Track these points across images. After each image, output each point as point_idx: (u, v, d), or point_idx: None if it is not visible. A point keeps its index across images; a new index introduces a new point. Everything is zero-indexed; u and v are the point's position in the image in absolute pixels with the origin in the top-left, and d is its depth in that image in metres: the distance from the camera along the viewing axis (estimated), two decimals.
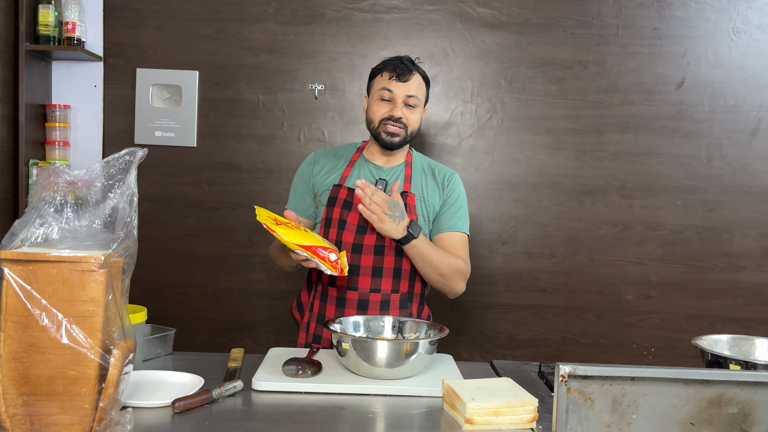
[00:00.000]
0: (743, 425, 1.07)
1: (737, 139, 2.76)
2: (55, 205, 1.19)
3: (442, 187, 1.96)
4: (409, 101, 1.88)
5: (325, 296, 1.91)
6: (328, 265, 1.63)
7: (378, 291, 1.88)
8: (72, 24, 2.61)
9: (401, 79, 1.87)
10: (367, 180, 1.90)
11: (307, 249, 1.61)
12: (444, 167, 2.03)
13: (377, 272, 1.88)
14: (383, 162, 1.98)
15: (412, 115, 1.89)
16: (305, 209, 2.00)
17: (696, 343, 1.53)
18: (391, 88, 1.87)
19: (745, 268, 2.77)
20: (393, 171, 1.97)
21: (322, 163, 2.00)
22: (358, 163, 1.98)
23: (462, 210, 1.96)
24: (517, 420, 1.28)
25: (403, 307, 1.92)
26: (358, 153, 2.01)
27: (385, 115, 1.88)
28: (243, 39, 2.76)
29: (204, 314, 2.81)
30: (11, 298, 1.10)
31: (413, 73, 1.89)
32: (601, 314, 2.81)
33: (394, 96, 1.87)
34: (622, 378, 1.04)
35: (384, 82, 1.89)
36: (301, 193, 2.01)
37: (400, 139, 1.89)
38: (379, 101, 1.89)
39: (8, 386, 1.10)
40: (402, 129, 1.88)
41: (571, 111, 2.77)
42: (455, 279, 1.89)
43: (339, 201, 1.90)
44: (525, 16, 2.75)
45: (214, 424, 1.26)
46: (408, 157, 2.00)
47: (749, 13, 2.74)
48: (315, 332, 1.92)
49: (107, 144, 2.78)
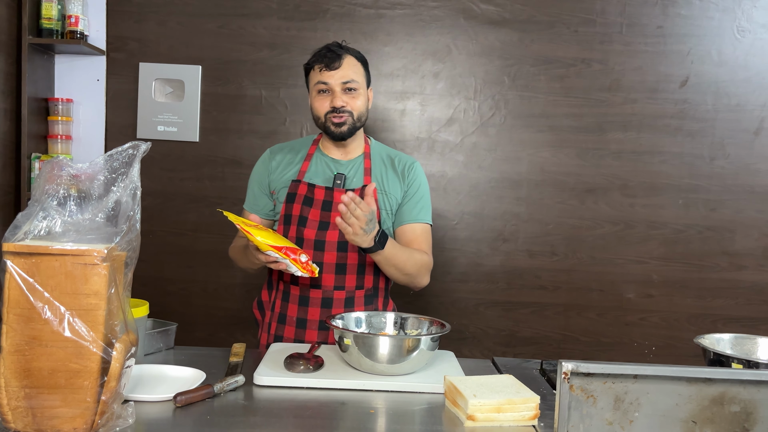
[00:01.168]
0: (745, 424, 1.07)
1: (740, 138, 2.76)
2: (58, 198, 1.19)
3: (403, 178, 1.93)
4: (347, 86, 1.83)
5: (287, 295, 1.88)
6: (300, 266, 1.63)
7: (342, 288, 1.85)
8: (75, 17, 2.61)
9: (332, 67, 1.82)
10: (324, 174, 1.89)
11: (279, 250, 1.61)
12: (404, 156, 1.98)
13: (341, 269, 1.85)
14: (340, 155, 1.93)
15: (354, 100, 1.84)
16: (261, 208, 1.96)
17: (698, 341, 1.52)
18: (325, 80, 1.83)
19: (747, 268, 2.77)
20: (351, 164, 1.92)
21: (278, 160, 1.95)
22: (315, 156, 1.94)
23: (424, 200, 1.93)
24: (519, 417, 1.28)
25: (368, 303, 1.90)
26: (314, 146, 1.96)
27: (328, 108, 1.84)
28: (246, 34, 2.75)
29: (205, 309, 2.81)
30: (14, 291, 1.10)
31: (343, 57, 1.83)
32: (602, 313, 2.81)
33: (330, 86, 1.83)
34: (624, 376, 1.04)
35: (317, 75, 1.85)
36: (257, 192, 1.97)
37: (348, 127, 1.84)
38: (318, 95, 1.86)
39: (10, 379, 1.10)
40: (347, 116, 1.84)
41: (573, 109, 2.76)
42: (420, 275, 1.87)
43: (298, 197, 1.86)
44: (528, 13, 2.74)
45: (216, 418, 1.26)
46: (366, 148, 1.95)
47: (754, 12, 2.73)
48: (276, 332, 1.89)
49: (109, 138, 2.78)
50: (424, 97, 2.78)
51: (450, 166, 2.79)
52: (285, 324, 1.87)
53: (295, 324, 1.86)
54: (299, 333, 1.86)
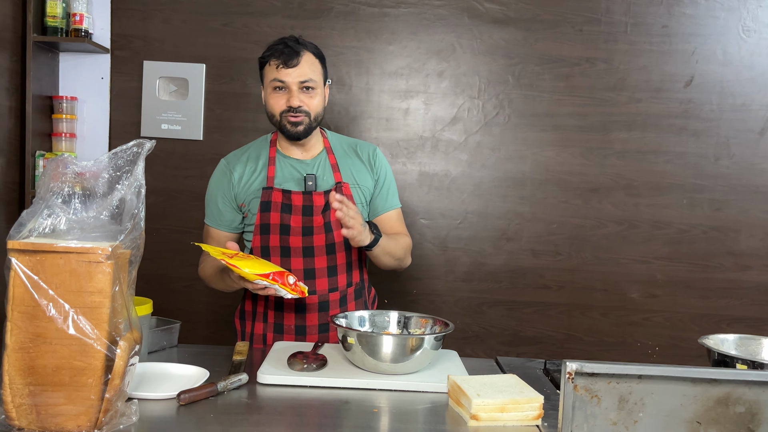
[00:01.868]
0: (750, 425, 1.06)
1: (745, 138, 2.75)
2: (62, 196, 1.19)
3: (371, 167, 1.91)
4: (304, 85, 1.76)
5: (280, 305, 1.84)
6: (288, 288, 1.59)
7: (336, 289, 1.86)
8: (80, 15, 2.61)
9: (289, 65, 1.74)
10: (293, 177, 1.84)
11: (266, 277, 1.57)
12: (364, 143, 1.96)
13: (332, 271, 1.84)
14: (301, 154, 1.87)
15: (311, 100, 1.78)
16: (229, 223, 1.90)
17: (702, 342, 1.52)
18: (281, 78, 1.75)
19: (751, 268, 2.76)
20: (316, 162, 1.87)
21: (239, 171, 1.87)
22: (278, 160, 1.87)
23: (392, 185, 1.94)
24: (523, 417, 1.28)
25: (358, 296, 1.92)
26: (274, 148, 1.89)
27: (283, 107, 1.77)
28: (250, 33, 2.75)
29: (209, 307, 2.81)
30: (18, 288, 1.10)
31: (301, 54, 1.76)
32: (605, 312, 2.80)
33: (287, 84, 1.76)
34: (629, 376, 1.04)
35: (273, 71, 1.77)
36: (221, 207, 1.89)
37: (304, 127, 1.79)
38: (274, 92, 1.78)
39: (15, 376, 1.11)
40: (304, 116, 1.78)
41: (578, 108, 2.76)
42: (407, 256, 1.93)
43: (274, 205, 1.80)
44: (533, 12, 2.74)
45: (219, 416, 1.26)
46: (326, 143, 1.91)
47: (759, 12, 2.72)
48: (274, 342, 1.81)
49: (113, 136, 2.78)
50: (428, 96, 2.78)
51: (454, 165, 2.79)
52: (283, 333, 1.86)
53: (294, 332, 1.85)
54: (299, 339, 1.86)
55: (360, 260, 1.92)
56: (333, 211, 1.73)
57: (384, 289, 2.75)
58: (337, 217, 1.61)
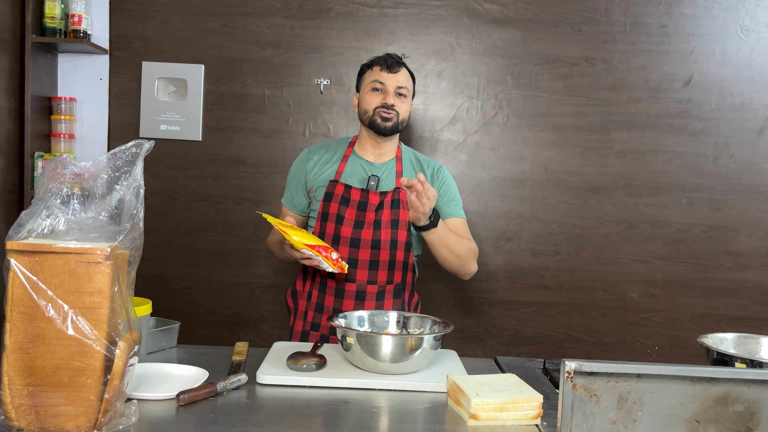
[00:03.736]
0: (749, 423, 1.07)
1: (744, 137, 2.75)
2: (61, 196, 1.19)
3: (432, 181, 2.07)
4: (399, 91, 2.00)
5: (324, 287, 2.01)
6: (331, 263, 1.76)
7: (375, 283, 1.98)
8: (78, 17, 2.61)
9: (392, 70, 2.00)
10: (359, 175, 2.03)
11: (313, 248, 1.75)
12: (431, 161, 2.14)
13: (374, 265, 1.98)
14: (374, 158, 2.07)
15: (402, 104, 2.01)
16: (297, 204, 2.11)
17: (702, 341, 1.52)
18: (382, 80, 2.00)
19: (751, 268, 2.76)
20: (385, 167, 2.06)
21: (315, 160, 2.08)
22: (350, 158, 2.07)
23: (456, 198, 2.09)
24: (522, 416, 1.28)
25: (396, 296, 2.03)
26: (350, 148, 2.10)
27: (378, 104, 1.99)
28: (249, 33, 2.75)
29: (208, 308, 2.81)
30: (17, 289, 1.10)
31: (402, 66, 2.02)
32: (605, 312, 2.80)
33: (386, 86, 1.99)
34: (628, 375, 1.04)
35: (375, 74, 2.01)
36: (294, 189, 2.11)
37: (392, 124, 2.00)
38: (372, 92, 2.01)
39: (14, 377, 1.11)
40: (394, 115, 1.99)
41: (577, 108, 2.76)
42: (470, 259, 2.01)
43: (336, 197, 1.99)
44: (532, 12, 2.74)
45: (219, 416, 1.26)
46: (398, 152, 2.10)
47: (758, 11, 2.72)
48: (313, 320, 2.02)
49: (112, 137, 2.78)
50: (427, 96, 2.78)
51: (453, 165, 2.79)
52: (322, 313, 2.00)
53: (331, 313, 1.98)
54: None
55: (405, 263, 2.02)
56: (386, 211, 1.95)
57: None
58: (416, 188, 1.73)
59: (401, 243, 2.00)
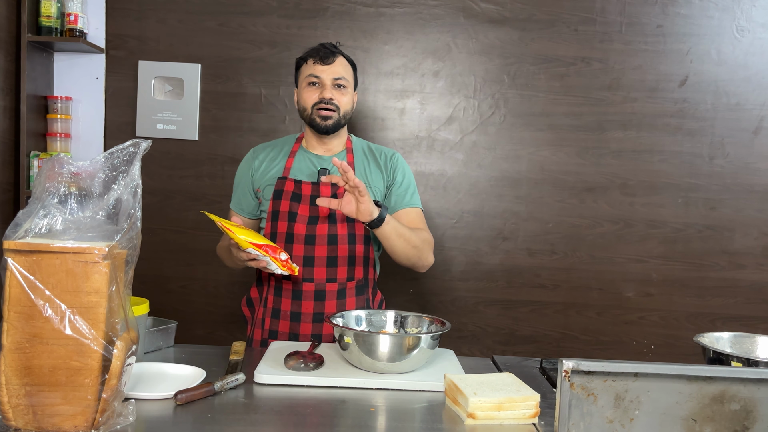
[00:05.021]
0: (745, 422, 1.07)
1: (739, 137, 2.76)
2: (58, 196, 1.19)
3: (385, 169, 1.98)
4: (337, 83, 1.90)
5: (279, 290, 1.90)
6: (279, 263, 1.65)
7: (334, 280, 1.89)
8: (74, 15, 2.60)
9: (325, 62, 1.90)
10: (308, 170, 1.93)
11: (259, 248, 1.64)
12: (384, 148, 2.04)
13: (332, 261, 1.88)
14: (323, 151, 1.98)
15: (342, 96, 1.91)
16: (246, 207, 2.02)
17: (698, 340, 1.53)
18: (317, 74, 1.90)
19: (746, 267, 2.77)
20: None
21: (261, 158, 2.00)
22: (298, 154, 1.98)
23: (411, 187, 1.99)
24: (520, 415, 1.28)
25: (359, 293, 1.94)
26: (298, 143, 2.01)
27: (316, 100, 1.90)
28: (246, 32, 2.75)
29: (205, 307, 2.81)
30: (15, 289, 1.10)
31: (336, 56, 1.92)
32: (601, 311, 2.81)
33: (322, 80, 1.90)
34: (625, 374, 1.04)
35: (310, 68, 1.92)
36: (242, 192, 2.02)
37: (333, 122, 1.90)
38: (308, 87, 1.92)
39: (11, 377, 1.10)
40: (334, 111, 1.90)
41: (573, 108, 2.76)
42: (427, 250, 1.91)
43: (286, 194, 1.90)
44: (529, 12, 2.74)
45: (216, 416, 1.26)
46: (348, 144, 2.01)
47: (753, 12, 2.73)
48: (271, 327, 1.91)
49: (109, 136, 2.78)
50: (423, 96, 2.78)
51: (450, 165, 2.79)
52: (279, 319, 1.89)
53: (289, 318, 1.89)
54: (293, 326, 1.88)
55: (365, 258, 1.94)
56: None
57: (381, 289, 2.75)
58: (346, 178, 1.63)
59: (359, 236, 1.91)
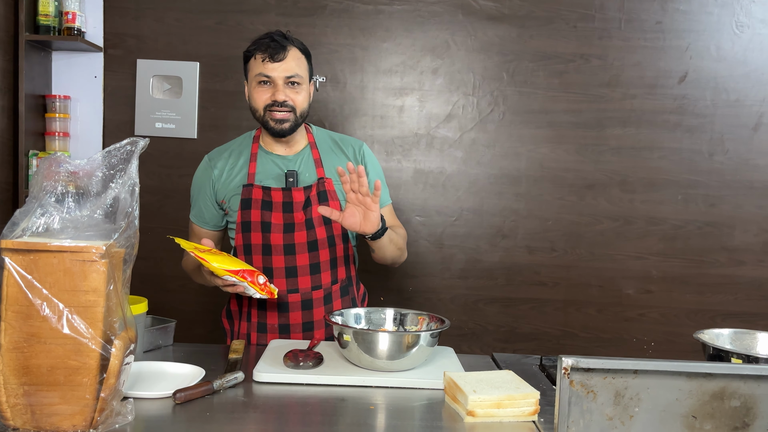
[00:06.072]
0: (745, 419, 1.07)
1: (739, 133, 2.75)
2: (56, 194, 1.18)
3: (355, 163, 1.86)
4: (291, 80, 1.74)
5: (263, 304, 1.81)
6: (257, 288, 1.59)
7: (319, 287, 1.82)
8: (72, 14, 2.60)
9: (276, 59, 1.71)
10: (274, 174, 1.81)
11: (236, 274, 1.58)
12: (350, 138, 1.93)
13: (315, 269, 1.80)
14: (285, 151, 1.85)
15: (297, 95, 1.75)
16: (209, 219, 1.89)
17: (698, 337, 1.52)
18: (267, 73, 1.72)
19: (746, 263, 2.77)
20: (299, 157, 1.84)
21: (220, 167, 1.85)
22: (259, 156, 1.84)
23: (381, 179, 1.90)
24: (519, 412, 1.28)
25: (344, 294, 1.88)
26: (256, 144, 1.86)
27: (268, 101, 1.74)
28: (244, 30, 2.74)
29: (204, 306, 2.81)
30: (12, 288, 1.10)
31: (288, 49, 1.73)
32: (601, 308, 2.81)
33: (273, 79, 1.73)
34: (624, 371, 1.04)
35: (258, 66, 1.74)
36: (203, 203, 1.88)
37: (290, 124, 1.76)
38: (259, 86, 1.75)
39: (9, 376, 1.10)
40: (290, 112, 1.75)
41: (572, 105, 2.76)
42: (405, 248, 1.91)
43: (255, 202, 1.78)
44: (527, 8, 2.74)
45: (215, 414, 1.25)
46: (310, 138, 1.87)
47: (752, 7, 2.73)
48: (258, 342, 1.84)
49: (107, 135, 2.77)
50: (422, 93, 2.78)
51: (449, 163, 2.79)
52: (266, 332, 1.83)
53: (277, 331, 1.83)
54: (283, 338, 1.82)
55: (346, 256, 1.88)
56: (314, 207, 1.76)
57: (380, 287, 2.75)
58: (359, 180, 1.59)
59: (338, 237, 1.82)
